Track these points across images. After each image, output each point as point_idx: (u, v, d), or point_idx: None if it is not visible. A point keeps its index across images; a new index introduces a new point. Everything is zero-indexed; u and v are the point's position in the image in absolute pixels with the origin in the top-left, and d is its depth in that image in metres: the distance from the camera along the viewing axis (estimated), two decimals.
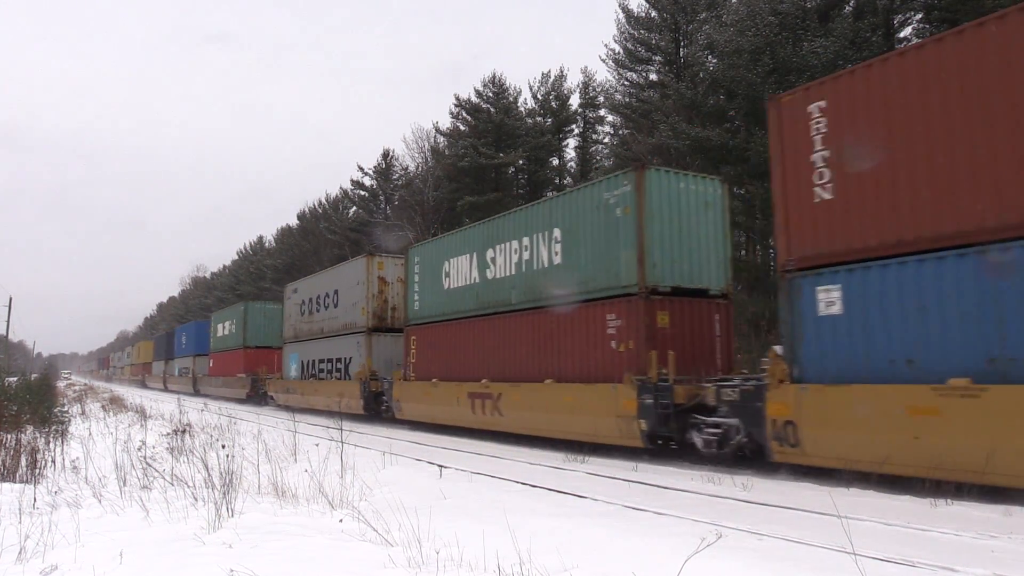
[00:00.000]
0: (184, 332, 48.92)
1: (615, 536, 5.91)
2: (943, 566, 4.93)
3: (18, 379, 20.36)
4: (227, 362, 35.74)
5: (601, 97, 40.82)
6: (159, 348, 58.83)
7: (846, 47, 23.38)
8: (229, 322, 36.28)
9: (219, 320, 38.64)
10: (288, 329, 27.91)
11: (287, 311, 28.33)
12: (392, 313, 21.23)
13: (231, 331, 35.42)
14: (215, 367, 38.32)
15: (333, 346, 23.30)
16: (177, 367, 49.23)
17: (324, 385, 23.57)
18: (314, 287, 25.70)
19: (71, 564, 4.90)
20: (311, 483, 7.55)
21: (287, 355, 27.62)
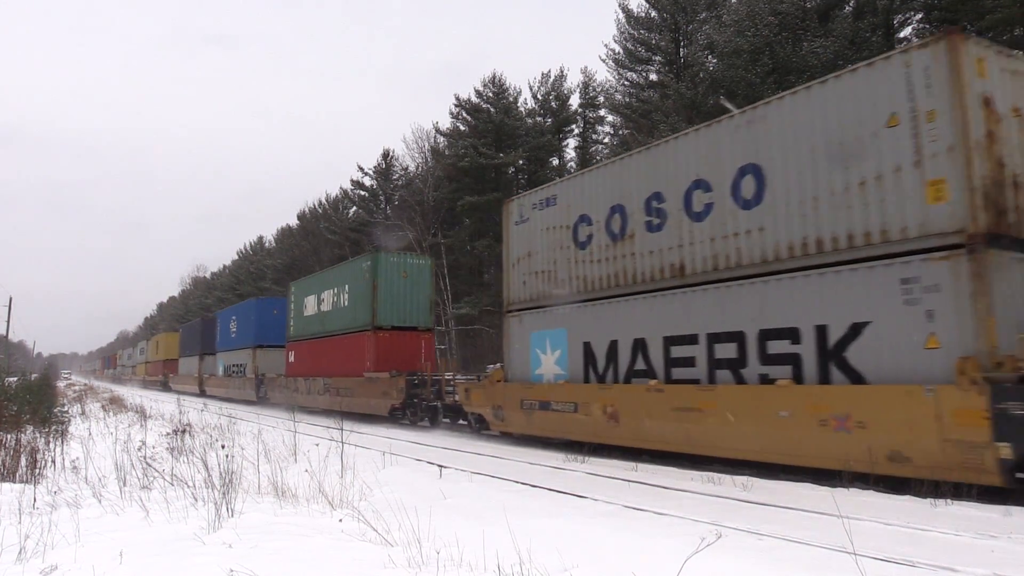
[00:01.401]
0: (235, 315, 35.49)
1: (615, 536, 5.91)
2: (943, 566, 4.93)
3: (18, 379, 20.35)
4: (333, 354, 23.35)
5: (601, 97, 40.84)
6: (189, 340, 46.37)
7: (846, 47, 23.40)
8: (332, 292, 23.98)
9: (306, 291, 26.45)
10: (531, 284, 14.22)
11: (518, 243, 14.74)
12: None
13: (340, 305, 23.28)
14: (302, 362, 26.31)
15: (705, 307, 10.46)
16: (222, 364, 36.69)
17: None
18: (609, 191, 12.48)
19: (71, 564, 4.89)
20: (311, 483, 7.55)
21: (528, 336, 14.19)
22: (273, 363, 30.09)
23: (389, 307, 21.02)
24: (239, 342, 33.91)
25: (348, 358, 22.07)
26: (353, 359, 21.65)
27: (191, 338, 45.88)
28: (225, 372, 35.83)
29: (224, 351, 36.65)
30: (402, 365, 19.95)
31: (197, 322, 46.56)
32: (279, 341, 29.30)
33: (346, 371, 22.09)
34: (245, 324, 33.06)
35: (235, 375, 33.89)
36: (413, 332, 21.37)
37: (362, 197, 52.80)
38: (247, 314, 33.21)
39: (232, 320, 35.88)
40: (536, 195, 14.39)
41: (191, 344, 45.37)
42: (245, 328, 33.04)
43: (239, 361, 33.73)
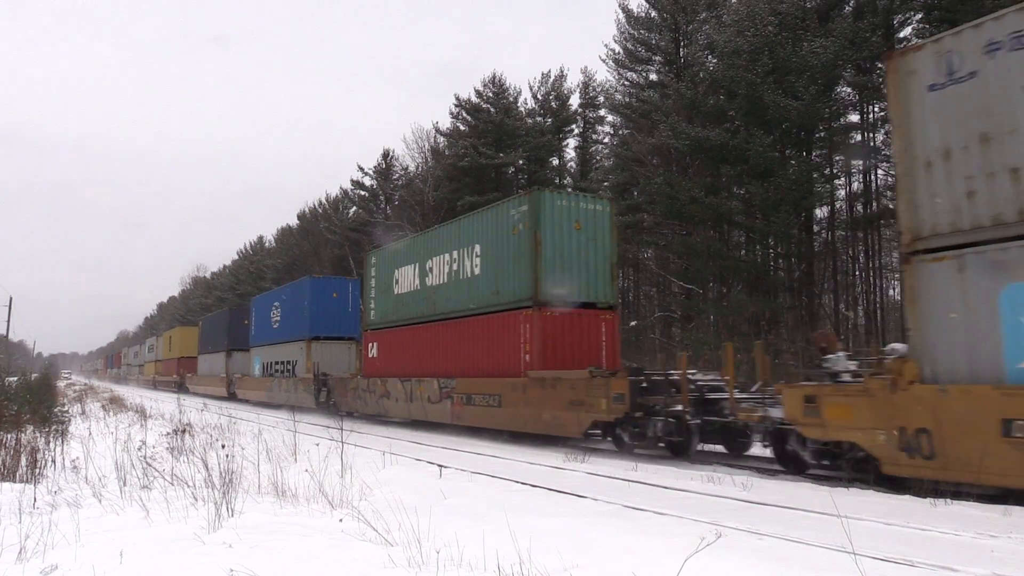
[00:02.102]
0: (277, 302, 28.74)
1: (615, 536, 5.91)
2: (943, 566, 4.93)
3: (18, 379, 20.34)
4: (456, 345, 16.91)
5: (601, 97, 40.85)
6: (212, 333, 39.90)
7: (846, 47, 23.40)
8: (449, 257, 17.31)
9: (397, 261, 19.88)
10: (993, 193, 7.71)
11: (942, 121, 8.15)
12: None
13: (464, 274, 16.69)
14: (392, 357, 19.72)
15: None
16: (258, 362, 30.16)
17: None
18: None
19: (71, 564, 4.90)
20: (311, 483, 7.55)
21: (993, 294, 7.57)
22: (333, 360, 24.43)
23: (558, 273, 14.42)
24: (285, 334, 27.33)
25: (488, 349, 15.43)
26: (498, 350, 15.05)
27: (215, 331, 39.21)
28: (264, 371, 29.24)
29: (262, 346, 30.05)
30: (577, 358, 14.24)
31: (223, 313, 39.31)
32: (341, 332, 24.75)
33: (484, 368, 15.41)
34: (294, 311, 26.66)
35: (280, 375, 27.35)
36: (592, 311, 14.88)
37: (362, 197, 52.80)
38: (297, 299, 26.54)
39: (274, 308, 28.95)
40: (996, 25, 7.65)
41: (215, 338, 38.73)
42: (294, 316, 26.56)
43: (285, 357, 26.92)
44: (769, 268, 27.73)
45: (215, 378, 37.35)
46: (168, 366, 52.18)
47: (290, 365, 26.64)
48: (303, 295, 26.15)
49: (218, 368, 37.28)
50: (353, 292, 26.12)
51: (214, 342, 39.02)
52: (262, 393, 29.07)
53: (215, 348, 38.42)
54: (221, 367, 36.59)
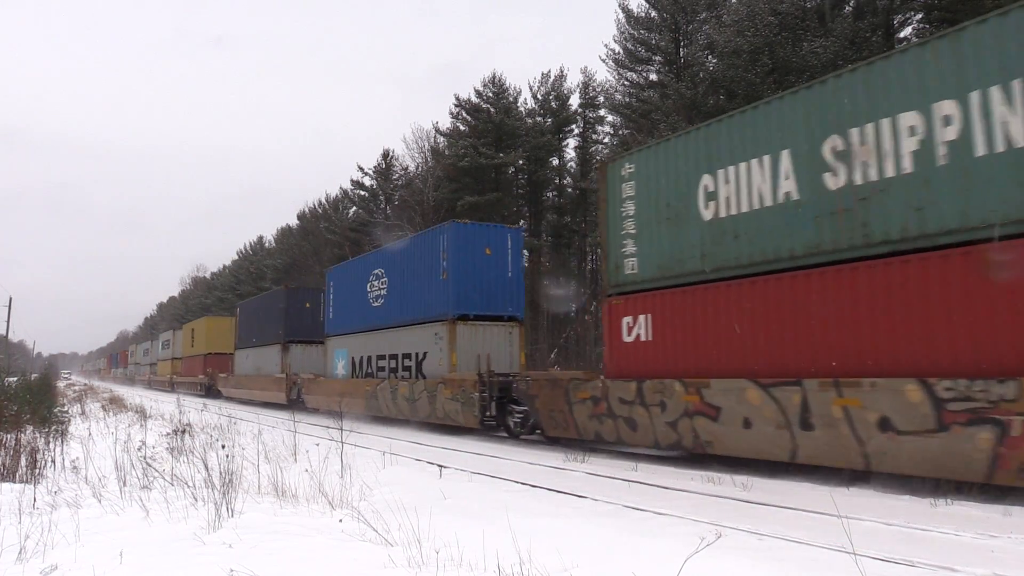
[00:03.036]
0: (379, 267, 20.36)
1: (615, 536, 5.91)
2: (943, 566, 4.93)
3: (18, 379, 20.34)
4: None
5: (601, 97, 40.86)
6: (256, 322, 31.15)
7: (846, 47, 23.41)
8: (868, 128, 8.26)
9: (710, 161, 10.53)
10: None
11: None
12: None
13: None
14: (684, 337, 10.60)
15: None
16: (342, 357, 22.06)
17: None
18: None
19: (71, 564, 4.90)
20: (311, 483, 7.55)
21: None
22: (487, 351, 16.50)
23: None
24: (400, 314, 18.78)
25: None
26: None
27: (261, 319, 30.42)
28: (356, 370, 20.90)
29: (351, 334, 21.36)
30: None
31: (274, 295, 29.62)
32: (498, 308, 17.08)
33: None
34: (419, 278, 18.01)
35: (392, 375, 18.78)
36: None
37: (362, 197, 52.82)
38: (424, 259, 17.91)
39: (373, 278, 20.31)
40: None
41: (262, 328, 29.99)
42: (418, 286, 18.04)
43: (402, 349, 18.55)
44: None
45: (266, 379, 28.30)
46: (192, 365, 43.55)
47: (413, 361, 17.93)
48: (435, 251, 17.24)
49: (269, 366, 28.67)
50: (515, 245, 17.63)
51: (261, 332, 30.23)
52: (358, 402, 20.00)
53: (263, 340, 29.82)
54: (274, 364, 27.95)
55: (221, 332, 40.23)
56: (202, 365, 40.54)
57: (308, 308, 27.53)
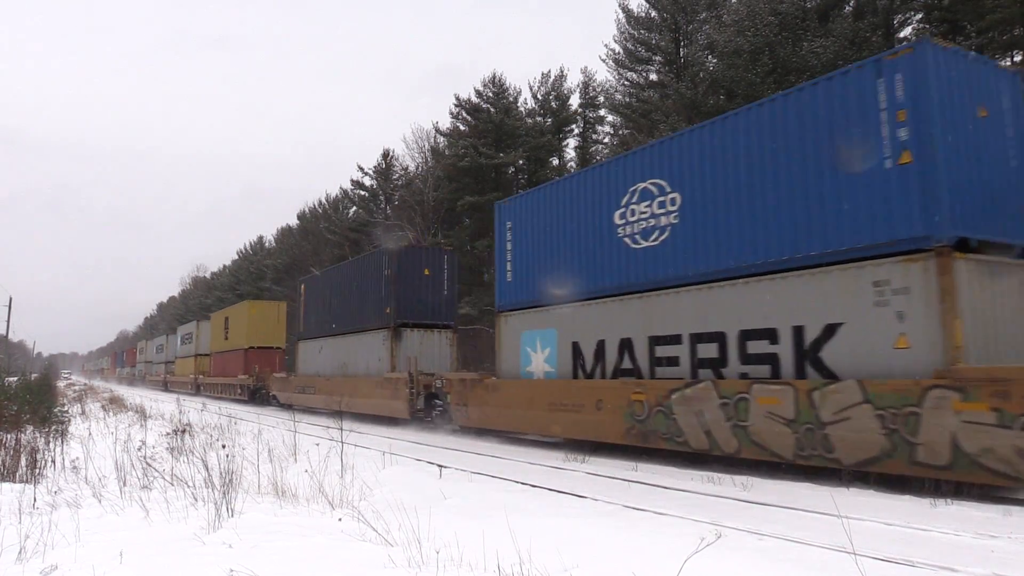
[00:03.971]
0: (613, 177, 12.19)
1: (615, 536, 5.91)
2: (943, 566, 4.93)
3: (18, 379, 20.33)
4: None
5: (601, 97, 40.81)
6: (336, 302, 23.66)
7: (846, 47, 23.40)
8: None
9: None
10: None
11: None
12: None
13: None
14: None
15: None
16: (552, 339, 13.42)
17: None
18: None
19: (71, 564, 4.90)
20: (311, 483, 7.55)
21: None
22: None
23: None
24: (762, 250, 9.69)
25: None
26: None
27: (349, 296, 22.38)
28: (588, 365, 12.63)
29: (593, 299, 12.72)
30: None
31: (375, 257, 21.16)
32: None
33: None
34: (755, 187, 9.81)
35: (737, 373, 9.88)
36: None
37: (362, 197, 52.79)
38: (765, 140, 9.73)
39: (643, 194, 11.70)
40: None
41: (350, 307, 22.14)
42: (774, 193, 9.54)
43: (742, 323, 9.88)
44: None
45: (363, 381, 20.26)
46: (226, 362, 34.80)
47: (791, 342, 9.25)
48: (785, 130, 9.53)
49: (363, 361, 20.84)
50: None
51: (349, 314, 22.10)
52: (608, 422, 11.78)
53: (351, 325, 21.80)
54: (375, 358, 19.93)
55: (267, 321, 32.13)
56: (242, 363, 31.94)
57: (428, 277, 19.77)
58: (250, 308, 33.73)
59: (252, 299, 37.66)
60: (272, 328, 32.93)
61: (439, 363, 20.33)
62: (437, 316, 20.69)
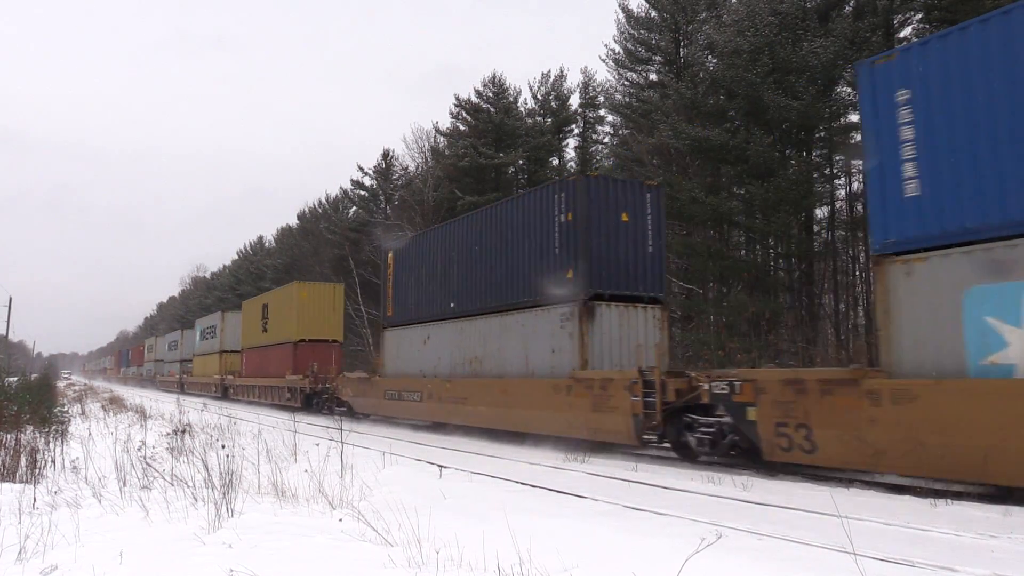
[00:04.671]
0: None
1: (615, 536, 5.91)
2: (943, 566, 4.93)
3: (18, 379, 20.33)
4: None
5: (601, 97, 40.80)
6: (453, 270, 17.33)
7: (846, 47, 23.39)
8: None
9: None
10: None
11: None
12: None
13: None
14: None
15: None
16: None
17: None
18: None
19: (71, 564, 4.89)
20: (311, 483, 7.55)
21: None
22: None
23: None
24: None
25: None
26: None
27: (489, 259, 16.06)
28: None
29: None
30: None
31: (541, 196, 14.58)
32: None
33: None
34: None
35: None
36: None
37: (362, 197, 52.78)
38: None
39: None
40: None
41: (491, 278, 15.88)
42: None
43: None
44: (769, 268, 27.72)
45: (556, 387, 13.27)
46: (266, 360, 28.91)
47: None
48: None
49: (525, 355, 14.51)
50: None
51: (484, 289, 16.13)
52: None
53: (494, 302, 15.66)
54: (550, 351, 13.83)
55: (321, 308, 26.60)
56: (291, 360, 25.85)
57: (626, 226, 13.71)
58: (300, 291, 26.85)
59: (301, 282, 28.94)
60: (327, 316, 26.80)
61: (645, 354, 13.11)
62: (642, 284, 13.83)
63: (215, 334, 38.79)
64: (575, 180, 13.77)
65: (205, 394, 38.20)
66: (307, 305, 26.78)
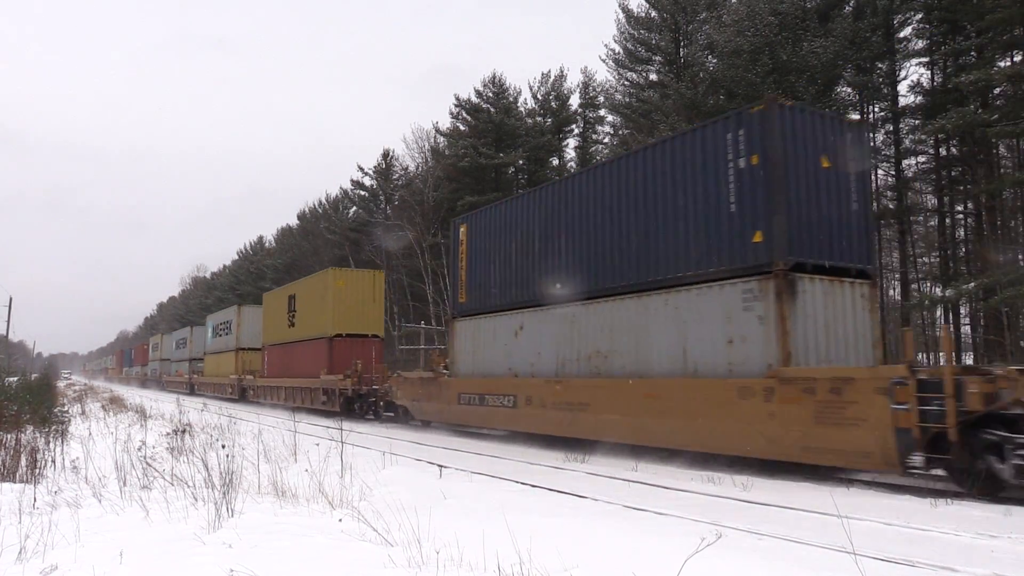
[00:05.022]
0: None
1: (615, 536, 5.91)
2: (943, 566, 4.93)
3: (18, 379, 20.32)
4: None
5: (601, 97, 40.83)
6: (565, 242, 13.72)
7: (846, 47, 23.41)
8: None
9: None
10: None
11: None
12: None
13: None
14: None
15: None
16: None
17: None
18: None
19: (71, 564, 4.89)
20: (311, 483, 7.55)
21: None
22: None
23: None
24: None
25: None
26: None
27: (619, 221, 12.56)
28: None
29: None
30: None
31: (711, 133, 11.07)
32: None
33: None
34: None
35: None
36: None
37: (362, 197, 52.82)
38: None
39: None
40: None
41: (622, 246, 12.38)
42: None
43: None
44: None
45: (741, 389, 9.99)
46: (293, 358, 26.24)
47: None
48: None
49: (682, 345, 11.08)
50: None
51: (611, 262, 12.71)
52: None
53: (629, 279, 12.19)
54: (726, 340, 10.41)
55: (359, 298, 23.60)
56: (326, 357, 23.17)
57: (827, 174, 10.71)
58: (336, 279, 23.76)
59: (337, 268, 26.44)
60: (366, 308, 23.88)
61: (853, 345, 10.47)
62: (847, 253, 10.69)
63: (230, 330, 34.85)
64: (762, 110, 10.20)
65: (219, 396, 34.95)
66: (344, 296, 23.56)
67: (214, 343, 39.02)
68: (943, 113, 21.09)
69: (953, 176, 25.56)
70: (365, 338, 23.63)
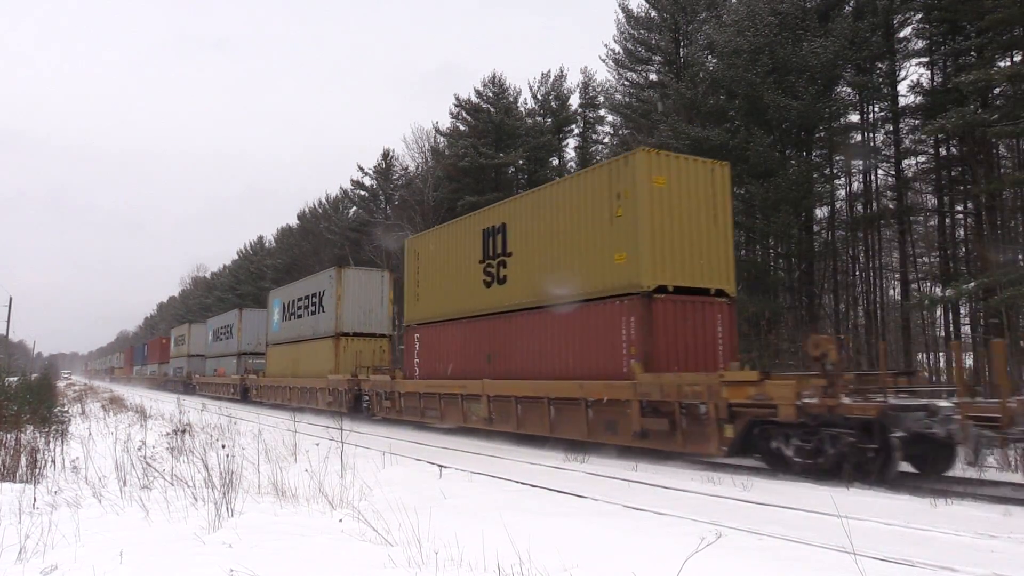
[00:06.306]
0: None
1: (615, 536, 5.91)
2: (943, 566, 4.93)
3: (18, 379, 20.30)
4: None
5: (601, 97, 40.80)
6: None
7: (846, 47, 23.40)
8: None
9: None
10: None
11: None
12: None
13: None
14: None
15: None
16: None
17: None
18: None
19: (71, 564, 4.89)
20: (311, 483, 7.55)
21: None
22: None
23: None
24: None
25: None
26: None
27: None
28: None
29: None
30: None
31: None
32: None
33: None
34: None
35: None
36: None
37: (362, 197, 52.77)
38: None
39: None
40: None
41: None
42: None
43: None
44: (769, 268, 27.71)
45: None
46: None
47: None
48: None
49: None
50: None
51: None
52: None
53: None
54: None
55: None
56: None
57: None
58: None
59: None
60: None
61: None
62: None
63: (318, 307, 24.20)
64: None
65: (312, 407, 23.70)
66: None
67: (285, 329, 27.44)
68: (943, 113, 21.07)
69: (953, 176, 25.52)
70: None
